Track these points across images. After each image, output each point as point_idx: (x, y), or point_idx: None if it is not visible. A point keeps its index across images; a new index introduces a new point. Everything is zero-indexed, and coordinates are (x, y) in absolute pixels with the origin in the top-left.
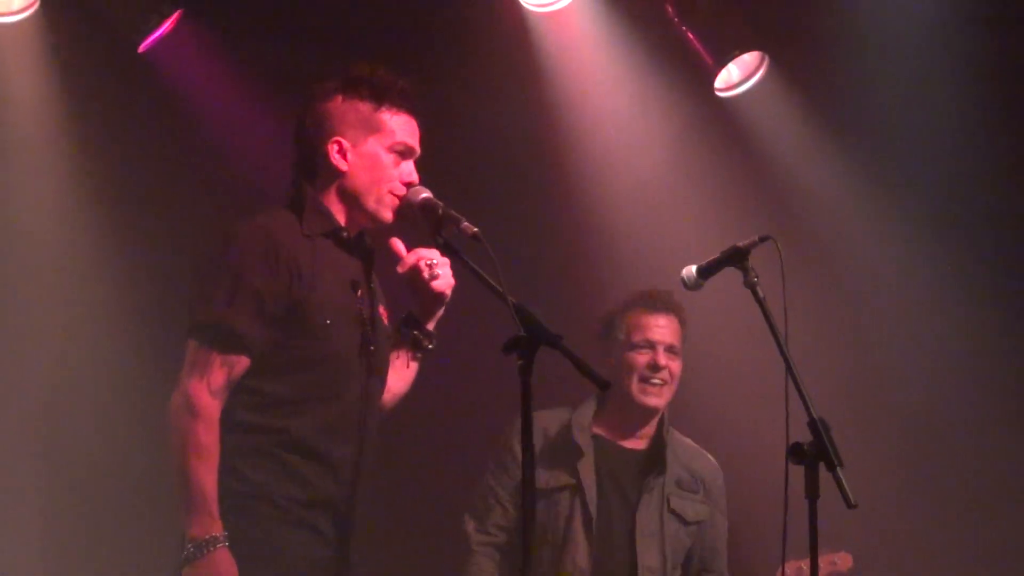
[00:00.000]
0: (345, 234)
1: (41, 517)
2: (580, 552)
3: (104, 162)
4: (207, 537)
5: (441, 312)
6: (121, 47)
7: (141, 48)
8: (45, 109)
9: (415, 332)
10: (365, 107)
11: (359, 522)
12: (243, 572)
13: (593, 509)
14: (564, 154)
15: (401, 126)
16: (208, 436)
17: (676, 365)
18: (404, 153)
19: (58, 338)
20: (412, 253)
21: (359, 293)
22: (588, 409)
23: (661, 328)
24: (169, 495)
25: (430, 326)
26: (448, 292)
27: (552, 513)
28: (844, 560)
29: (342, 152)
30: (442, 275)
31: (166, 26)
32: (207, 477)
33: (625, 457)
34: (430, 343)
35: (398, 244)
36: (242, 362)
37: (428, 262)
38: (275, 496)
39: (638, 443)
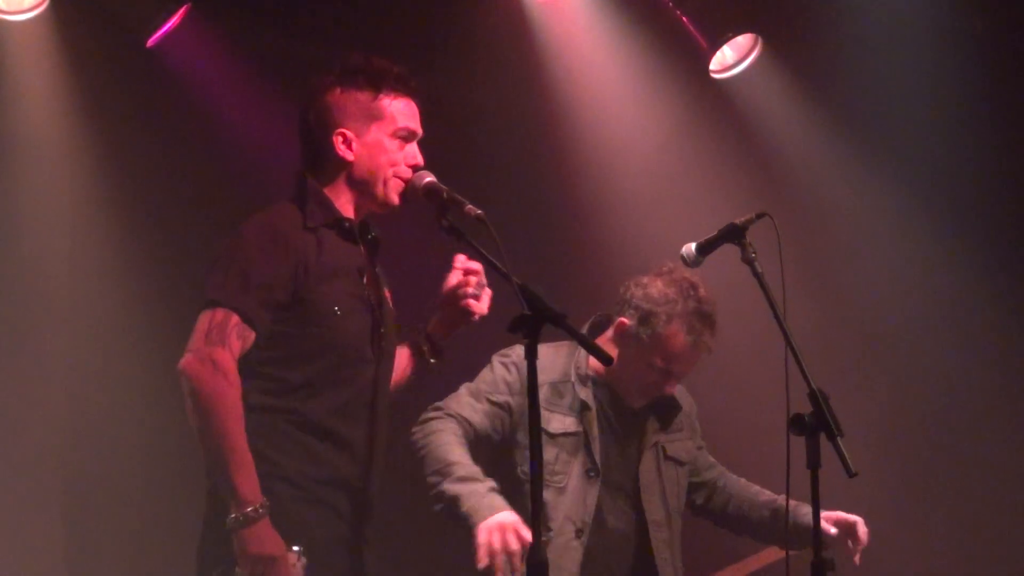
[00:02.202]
0: (347, 223)
1: (64, 521)
2: (589, 498)
3: (116, 157)
4: (256, 505)
5: (455, 331)
6: (130, 42)
7: (149, 43)
8: (56, 106)
9: (425, 343)
10: (364, 96)
11: (374, 500)
12: None
13: (599, 460)
14: (563, 138)
15: (401, 110)
16: (236, 396)
17: (678, 386)
18: (407, 137)
19: (76, 336)
20: (471, 263)
21: (365, 280)
22: (584, 354)
23: (690, 364)
24: (189, 496)
25: (441, 340)
26: (476, 316)
27: (558, 457)
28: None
29: (347, 143)
30: (483, 298)
31: (174, 20)
32: (240, 433)
33: (626, 413)
34: (435, 358)
35: (463, 257)
36: (251, 338)
37: (480, 281)
38: (293, 475)
39: (638, 399)
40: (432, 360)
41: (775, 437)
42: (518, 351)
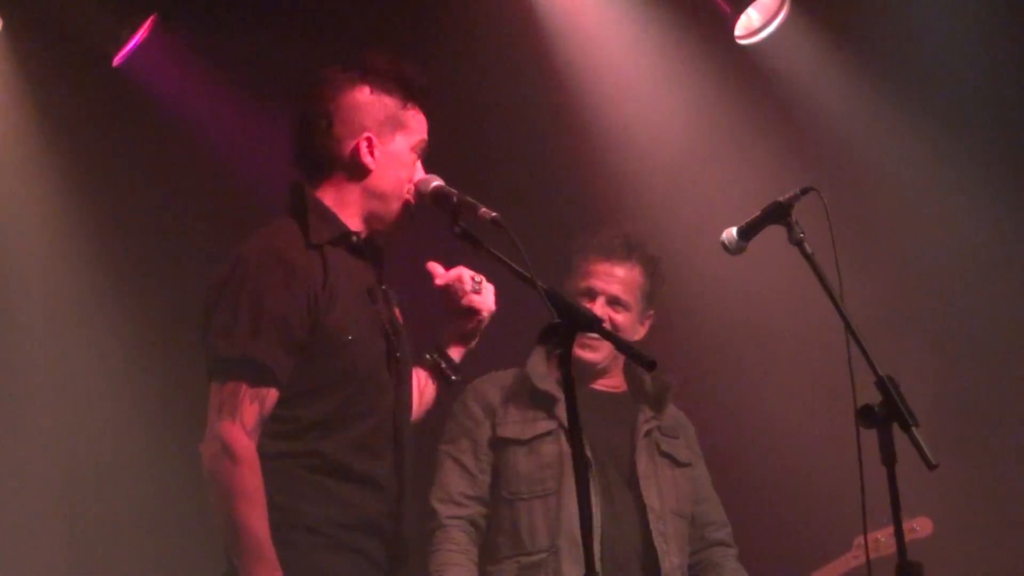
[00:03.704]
0: (354, 239)
1: (66, 521)
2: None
3: (89, 182)
4: None
5: (473, 344)
6: (95, 62)
7: (116, 61)
8: (21, 135)
9: (440, 362)
10: (393, 101)
11: (407, 540)
12: None
13: (588, 451)
14: (580, 125)
15: (422, 124)
16: (253, 479)
17: (621, 318)
18: (423, 153)
19: (67, 341)
20: (455, 269)
21: (377, 300)
22: (539, 358)
23: (610, 278)
24: (189, 499)
25: (457, 356)
26: (486, 316)
27: (537, 462)
28: (924, 525)
29: (371, 149)
30: (484, 292)
31: (140, 35)
32: (259, 523)
33: (601, 399)
34: (454, 375)
35: (436, 267)
36: (272, 395)
37: (473, 276)
38: (316, 522)
39: (609, 383)
40: (453, 378)
41: (844, 433)
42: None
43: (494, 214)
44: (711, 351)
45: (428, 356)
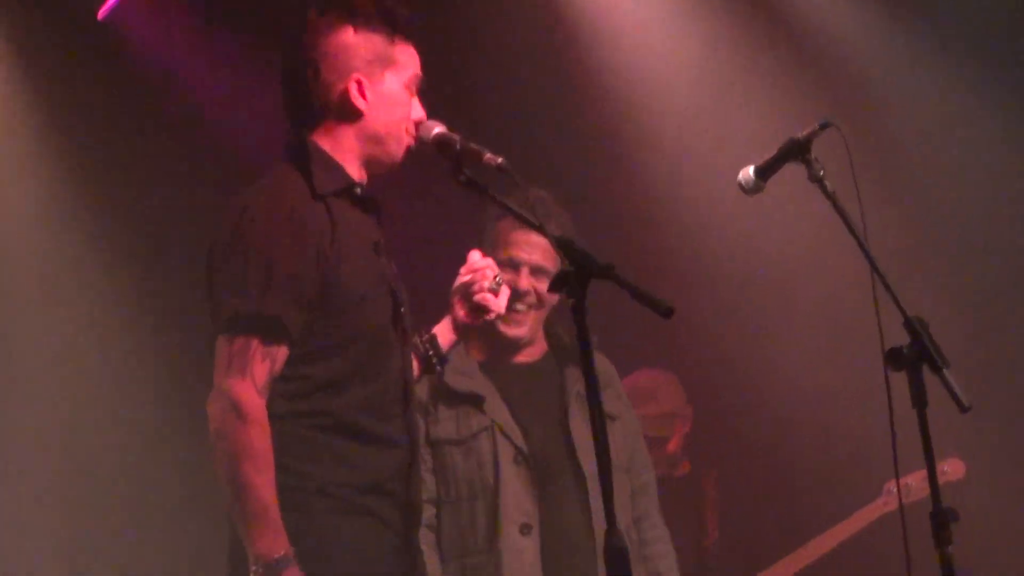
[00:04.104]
0: (359, 190)
1: (64, 519)
2: (521, 489)
3: (78, 142)
4: (275, 558)
5: (463, 338)
6: (79, 17)
7: (101, 15)
8: (2, 95)
9: (430, 350)
10: (379, 39)
11: (418, 503)
12: (308, 572)
13: (522, 443)
14: (591, 74)
15: (413, 58)
16: (262, 440)
17: (545, 286)
18: (416, 88)
19: (65, 336)
20: (485, 259)
21: (381, 256)
22: (456, 354)
23: (531, 246)
24: (190, 492)
25: (446, 345)
26: (492, 317)
27: (475, 461)
28: (956, 468)
29: (362, 91)
30: (500, 293)
31: None
32: (266, 488)
33: (525, 373)
34: (440, 366)
35: (476, 255)
36: (283, 353)
37: (497, 275)
38: (326, 485)
39: (533, 353)
40: (438, 369)
41: (872, 377)
42: None
43: (500, 160)
44: (732, 296)
45: (418, 342)
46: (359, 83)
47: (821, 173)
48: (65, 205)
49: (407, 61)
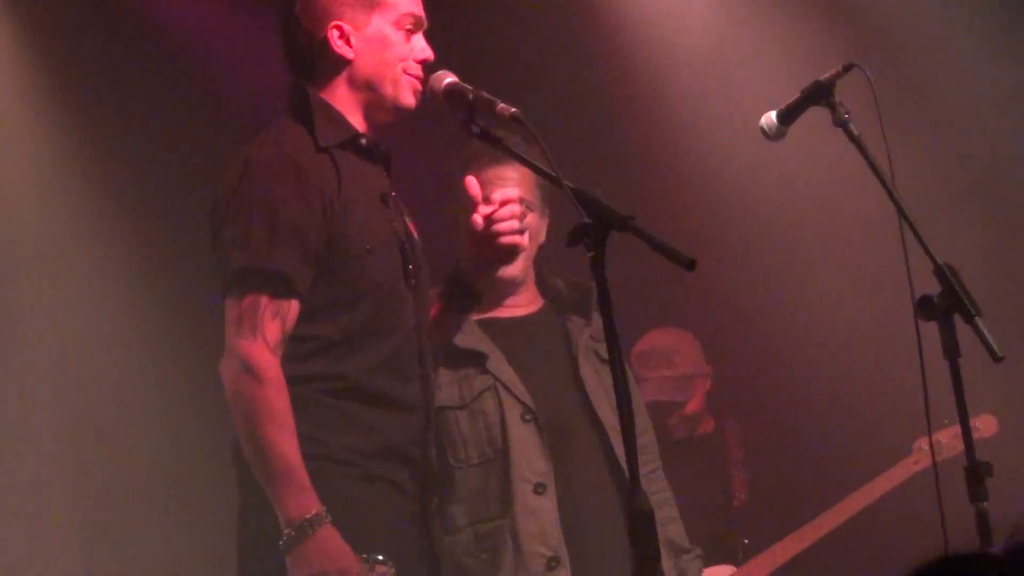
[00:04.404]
0: (364, 140)
1: (79, 520)
2: (532, 448)
3: (80, 105)
4: (308, 517)
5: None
6: None
7: None
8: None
9: (460, 293)
10: None
11: (434, 467)
12: None
13: (528, 399)
14: (603, 23)
15: None
16: (280, 399)
17: (530, 218)
18: (413, 26)
19: (78, 331)
20: (488, 204)
21: (389, 208)
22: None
23: (505, 181)
24: (203, 489)
25: (477, 288)
26: (520, 250)
27: (481, 424)
28: (988, 424)
29: (344, 37)
30: (519, 228)
31: None
32: (289, 446)
33: (525, 326)
34: (476, 305)
35: (473, 185)
36: (294, 309)
37: (515, 213)
38: (339, 451)
39: (530, 305)
40: (474, 307)
41: (901, 328)
42: None
43: (513, 110)
44: (751, 248)
45: (446, 286)
46: (339, 29)
47: (846, 116)
48: (71, 185)
49: (395, 1)
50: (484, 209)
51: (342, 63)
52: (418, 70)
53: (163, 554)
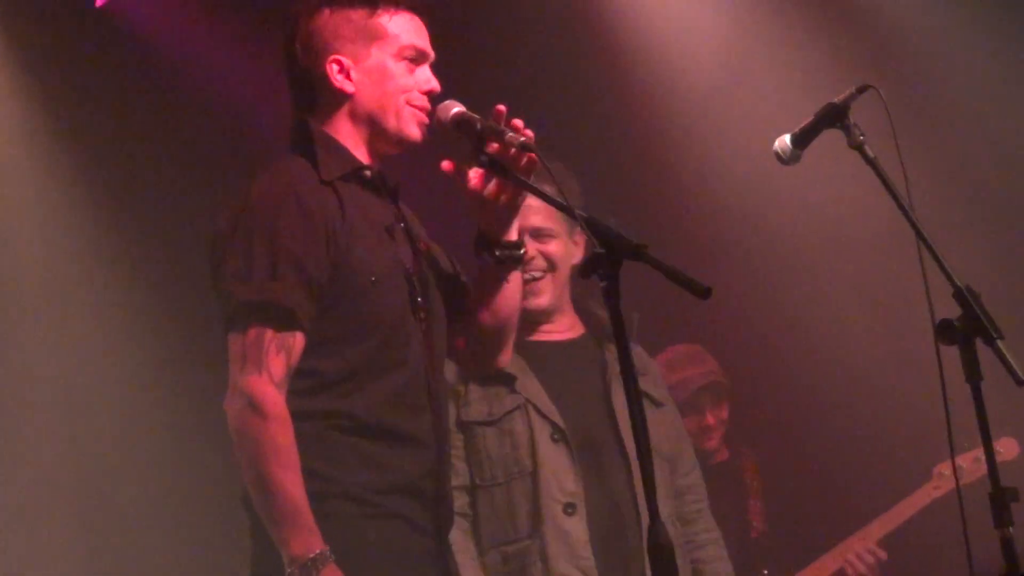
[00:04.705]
0: (368, 172)
1: (80, 524)
2: (561, 467)
3: (80, 134)
4: (312, 556)
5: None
6: (77, 5)
7: (99, 1)
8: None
9: (498, 252)
10: (358, 15)
11: (450, 501)
12: None
13: (559, 419)
14: (614, 49)
15: (404, 27)
16: (285, 436)
17: (554, 247)
18: (416, 58)
19: (76, 337)
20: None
21: (396, 240)
22: None
23: (525, 209)
24: (205, 497)
25: (512, 236)
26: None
27: (509, 442)
28: (1009, 447)
29: (344, 71)
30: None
31: None
32: (294, 484)
33: (561, 350)
34: (520, 250)
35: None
36: (299, 342)
37: (515, 139)
38: (351, 488)
39: (568, 331)
40: (521, 252)
41: (922, 352)
42: None
43: (522, 138)
44: (769, 272)
45: (483, 258)
46: (338, 63)
47: (861, 138)
48: (70, 202)
49: (397, 31)
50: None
51: (343, 97)
52: (423, 101)
53: (164, 559)
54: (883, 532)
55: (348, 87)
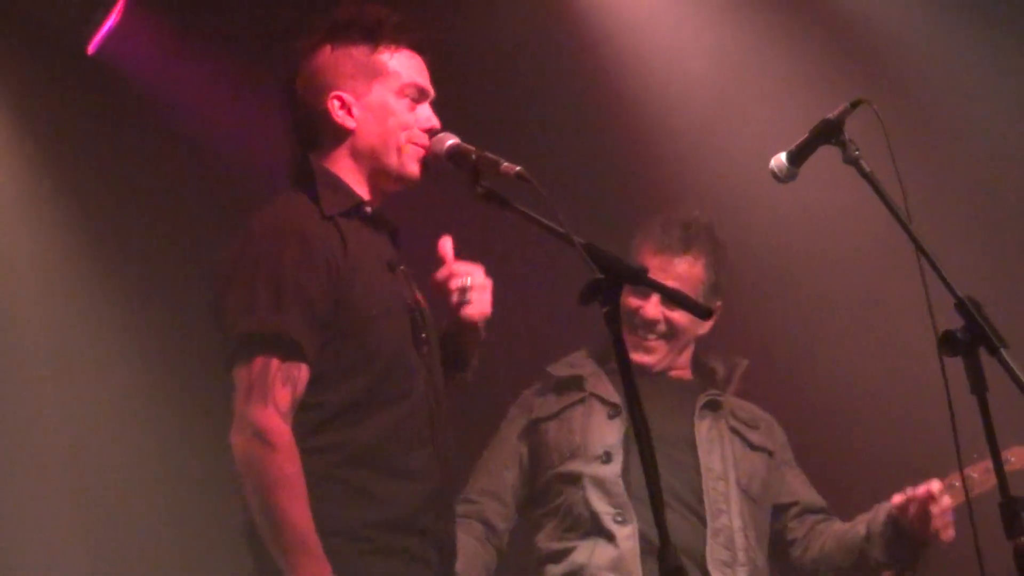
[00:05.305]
0: (368, 208)
1: (84, 523)
2: (608, 430)
3: (77, 179)
4: None
5: (478, 340)
6: (68, 52)
7: (90, 49)
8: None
9: (452, 356)
10: (360, 51)
11: (453, 536)
12: None
13: (617, 400)
14: (600, 64)
15: (405, 65)
16: (292, 466)
17: (678, 316)
18: (417, 96)
19: (72, 340)
20: (446, 268)
21: (397, 276)
22: (584, 355)
23: (665, 273)
24: (207, 496)
25: (468, 355)
26: (480, 322)
27: (566, 428)
28: (1020, 456)
29: (346, 108)
30: (474, 301)
31: (113, 17)
32: (303, 514)
33: (661, 380)
34: (466, 374)
35: (446, 247)
36: (304, 375)
37: (461, 285)
38: (351, 524)
39: (669, 368)
40: (464, 374)
41: (927, 364)
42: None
43: (518, 168)
44: (769, 288)
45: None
46: (340, 99)
47: (856, 153)
48: (63, 220)
49: (398, 68)
50: (442, 272)
51: (344, 133)
52: (424, 139)
53: (164, 563)
54: None
55: (349, 123)
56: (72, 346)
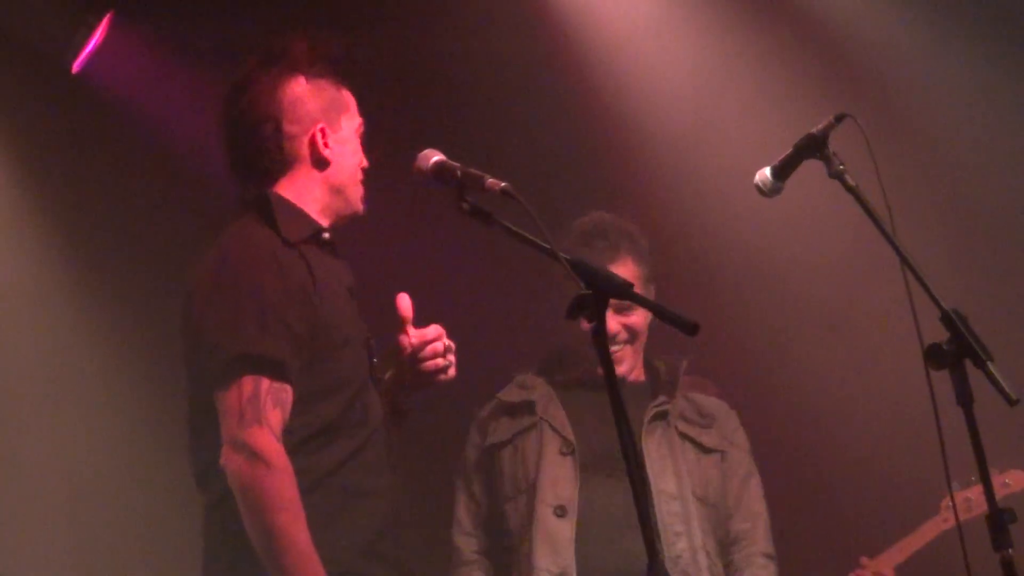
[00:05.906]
0: (326, 235)
1: (75, 529)
2: (562, 476)
3: (62, 198)
4: None
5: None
6: (53, 73)
7: (75, 68)
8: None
9: (396, 396)
10: (328, 84)
11: (409, 564)
12: None
13: (571, 435)
14: (581, 76)
15: (354, 102)
16: (291, 487)
17: (635, 319)
18: (362, 135)
19: (66, 346)
20: (417, 335)
21: (355, 301)
22: (533, 374)
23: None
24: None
25: (409, 409)
26: (443, 383)
27: (520, 457)
28: (1017, 479)
29: (326, 139)
30: (445, 364)
31: (97, 36)
32: (303, 535)
33: (625, 390)
34: (400, 425)
35: (405, 304)
36: (290, 396)
37: (439, 352)
38: (322, 551)
39: (637, 373)
40: (403, 411)
41: (914, 377)
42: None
43: (503, 184)
44: (755, 302)
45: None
46: (323, 131)
47: (841, 167)
48: (51, 238)
49: (354, 105)
50: (412, 337)
51: (323, 164)
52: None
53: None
54: (890, 565)
55: (330, 155)
56: (58, 356)
